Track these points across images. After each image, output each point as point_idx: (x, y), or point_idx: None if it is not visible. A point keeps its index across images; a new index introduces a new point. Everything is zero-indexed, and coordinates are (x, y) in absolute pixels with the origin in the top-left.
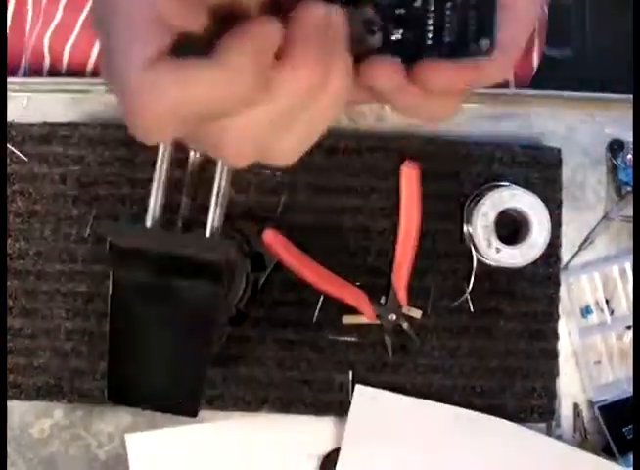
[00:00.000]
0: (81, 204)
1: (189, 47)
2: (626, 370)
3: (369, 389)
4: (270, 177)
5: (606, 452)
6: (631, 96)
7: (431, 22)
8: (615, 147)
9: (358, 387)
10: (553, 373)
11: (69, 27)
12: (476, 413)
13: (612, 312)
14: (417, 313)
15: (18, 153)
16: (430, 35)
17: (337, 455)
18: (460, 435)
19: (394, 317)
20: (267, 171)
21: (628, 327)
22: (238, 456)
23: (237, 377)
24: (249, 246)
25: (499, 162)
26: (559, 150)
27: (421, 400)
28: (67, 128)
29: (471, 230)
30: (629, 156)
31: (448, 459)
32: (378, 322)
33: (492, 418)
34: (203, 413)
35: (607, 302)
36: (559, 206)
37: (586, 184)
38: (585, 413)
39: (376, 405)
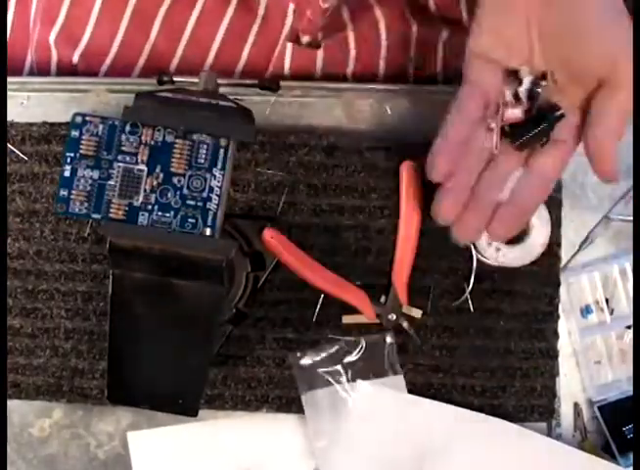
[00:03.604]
0: None
1: None
2: (626, 370)
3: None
4: (270, 177)
5: (606, 452)
6: None
7: None
8: None
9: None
10: (553, 373)
11: None
12: (476, 413)
13: (612, 312)
14: (417, 313)
15: (18, 152)
16: None
17: None
18: (460, 435)
19: (394, 317)
20: (267, 171)
21: (628, 327)
22: (238, 456)
23: (237, 377)
24: (249, 246)
25: None
26: None
27: (421, 400)
28: (67, 128)
29: None
30: None
31: (448, 459)
32: (378, 322)
33: (492, 418)
34: (203, 413)
35: (607, 301)
36: (559, 206)
37: (586, 184)
38: (585, 413)
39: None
